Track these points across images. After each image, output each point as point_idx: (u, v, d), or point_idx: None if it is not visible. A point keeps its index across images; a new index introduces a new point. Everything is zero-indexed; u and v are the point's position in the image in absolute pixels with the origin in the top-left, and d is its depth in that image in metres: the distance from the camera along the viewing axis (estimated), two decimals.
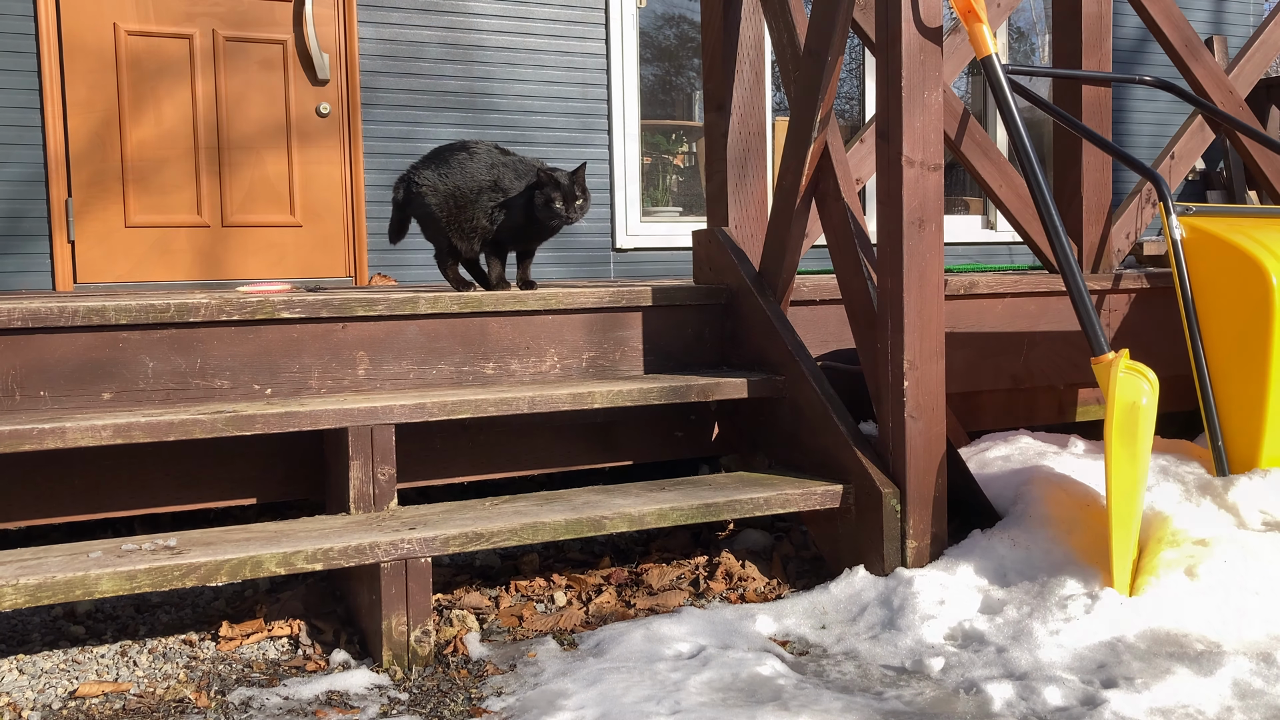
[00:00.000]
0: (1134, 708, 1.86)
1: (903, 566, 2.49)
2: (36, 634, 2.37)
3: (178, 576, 2.05)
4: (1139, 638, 2.12)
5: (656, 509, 2.44)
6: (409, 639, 2.20)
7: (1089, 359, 2.47)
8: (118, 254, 4.69)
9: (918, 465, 2.52)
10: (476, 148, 2.93)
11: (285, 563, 2.12)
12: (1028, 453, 2.90)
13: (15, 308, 2.39)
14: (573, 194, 2.85)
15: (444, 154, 2.94)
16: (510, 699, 2.00)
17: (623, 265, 5.58)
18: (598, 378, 2.92)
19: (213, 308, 2.55)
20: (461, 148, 2.94)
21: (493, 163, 2.90)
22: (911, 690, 2.01)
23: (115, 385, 2.49)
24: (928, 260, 2.51)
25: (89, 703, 2.04)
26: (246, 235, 4.90)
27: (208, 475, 2.59)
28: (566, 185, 2.84)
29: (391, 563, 2.19)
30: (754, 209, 3.12)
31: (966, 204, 6.53)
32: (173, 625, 2.42)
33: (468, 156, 2.90)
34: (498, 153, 2.94)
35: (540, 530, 2.34)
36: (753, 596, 2.58)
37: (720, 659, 2.11)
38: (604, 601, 2.53)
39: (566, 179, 2.85)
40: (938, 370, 2.54)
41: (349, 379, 2.70)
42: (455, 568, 2.79)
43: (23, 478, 2.43)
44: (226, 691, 2.07)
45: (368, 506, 2.42)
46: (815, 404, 2.71)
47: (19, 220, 4.54)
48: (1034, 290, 3.40)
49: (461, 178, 2.87)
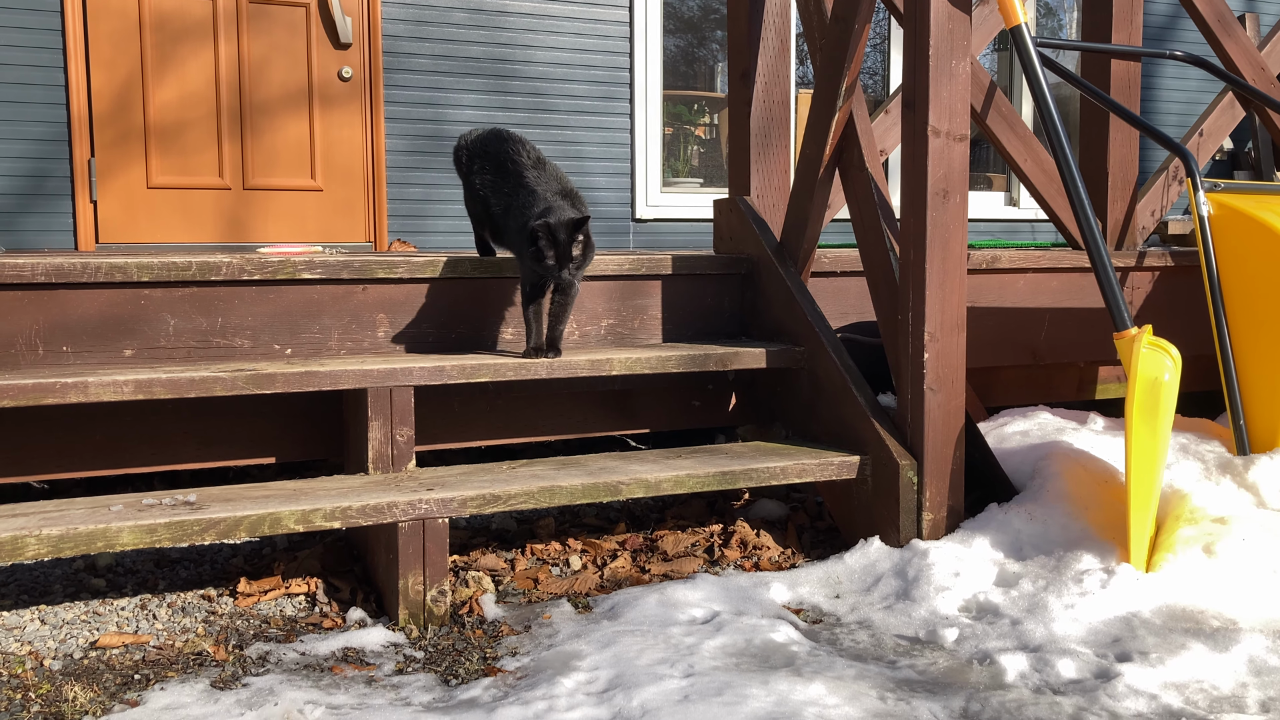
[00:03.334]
0: (1148, 681, 1.85)
1: (918, 539, 2.49)
2: (58, 586, 2.40)
3: (197, 531, 2.07)
4: (1154, 613, 2.12)
5: (673, 475, 2.44)
6: (425, 598, 2.22)
7: (1110, 336, 2.45)
8: (139, 214, 4.70)
9: (936, 438, 2.51)
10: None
11: (304, 520, 2.13)
12: (1046, 428, 2.88)
13: (39, 263, 2.41)
14: (569, 253, 2.46)
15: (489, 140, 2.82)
16: (525, 659, 2.01)
17: (642, 236, 5.57)
18: (616, 345, 2.92)
19: (234, 267, 2.56)
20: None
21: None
22: (925, 660, 2.01)
23: (137, 342, 2.51)
24: (951, 232, 2.49)
25: (109, 653, 2.06)
26: (267, 198, 4.90)
27: (227, 434, 2.61)
28: (564, 240, 2.45)
29: (409, 522, 2.20)
30: (776, 179, 3.10)
31: (989, 180, 6.48)
32: (191, 581, 2.45)
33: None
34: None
35: (557, 494, 2.35)
36: (767, 565, 2.58)
37: (734, 625, 2.12)
38: (619, 566, 2.54)
39: (565, 232, 2.45)
40: (958, 343, 2.53)
41: (369, 341, 2.70)
42: (471, 530, 2.81)
43: (45, 432, 2.45)
44: (244, 646, 2.10)
45: (386, 467, 2.43)
46: (834, 375, 2.70)
47: (43, 179, 4.57)
48: (1057, 266, 3.38)
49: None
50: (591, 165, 5.39)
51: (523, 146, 2.73)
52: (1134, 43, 3.48)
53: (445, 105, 5.17)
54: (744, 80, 3.05)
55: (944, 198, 2.48)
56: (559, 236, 2.44)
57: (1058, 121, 2.56)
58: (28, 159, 4.53)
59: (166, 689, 1.89)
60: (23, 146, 4.51)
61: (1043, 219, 6.10)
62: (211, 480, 2.96)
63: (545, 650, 2.04)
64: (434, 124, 5.16)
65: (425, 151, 5.13)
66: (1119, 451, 2.61)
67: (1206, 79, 6.14)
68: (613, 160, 5.45)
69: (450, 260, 2.74)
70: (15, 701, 1.85)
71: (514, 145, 2.73)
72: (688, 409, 3.08)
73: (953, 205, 2.49)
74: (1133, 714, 1.76)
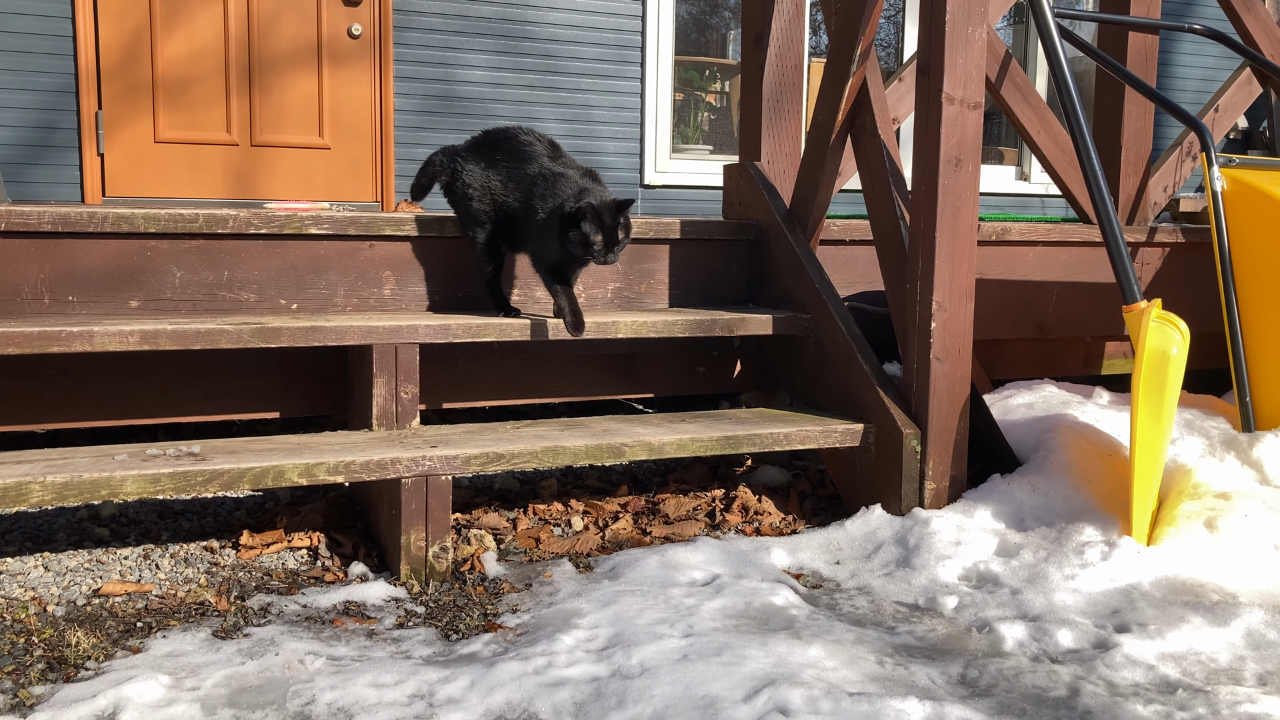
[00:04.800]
0: (1146, 652, 1.86)
1: (920, 507, 2.49)
2: (62, 534, 2.41)
3: (201, 482, 2.07)
4: (1154, 586, 2.12)
5: (676, 439, 2.44)
6: (427, 554, 2.22)
7: (1118, 311, 2.44)
8: (146, 169, 4.69)
9: (940, 407, 2.51)
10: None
11: (307, 473, 2.13)
12: (1052, 401, 2.88)
13: (46, 211, 2.40)
14: (615, 237, 2.36)
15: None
16: (525, 616, 2.02)
17: (650, 202, 5.54)
18: (623, 309, 2.91)
19: (241, 220, 2.55)
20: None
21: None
22: (924, 626, 2.02)
23: (143, 294, 2.50)
24: (962, 200, 2.47)
25: (112, 600, 2.07)
26: (275, 155, 4.88)
27: (232, 387, 2.61)
28: (609, 224, 2.34)
29: (412, 479, 2.21)
30: (788, 145, 3.08)
31: (1001, 154, 6.43)
32: (194, 532, 2.46)
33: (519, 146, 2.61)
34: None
35: (560, 454, 2.35)
36: (768, 530, 2.59)
37: (734, 587, 2.13)
38: (620, 528, 2.55)
39: (610, 215, 2.34)
40: (966, 312, 2.52)
41: (374, 298, 2.70)
42: (474, 489, 2.81)
43: (50, 381, 2.45)
44: (246, 597, 2.11)
45: (390, 424, 2.43)
46: (840, 343, 2.69)
47: (50, 131, 4.55)
48: (1067, 239, 3.36)
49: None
50: (601, 130, 5.36)
51: (534, 134, 2.61)
52: (1152, 15, 3.44)
53: (455, 65, 5.14)
54: (757, 44, 3.02)
55: (956, 166, 2.46)
56: (605, 220, 2.32)
57: (1074, 92, 2.54)
58: (35, 110, 4.51)
59: (169, 637, 1.90)
60: (29, 98, 4.49)
61: (1053, 194, 6.07)
62: (215, 434, 2.97)
63: (546, 608, 2.05)
64: (444, 84, 5.13)
65: (434, 112, 5.10)
66: (1124, 426, 2.61)
67: (1224, 54, 6.09)
68: (622, 125, 5.41)
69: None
70: (19, 645, 1.86)
71: (524, 134, 2.60)
72: (692, 374, 3.08)
73: (965, 174, 2.47)
74: (1130, 684, 1.77)
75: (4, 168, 4.42)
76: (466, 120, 5.14)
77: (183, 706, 1.62)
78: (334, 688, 1.68)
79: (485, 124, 5.20)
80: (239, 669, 1.75)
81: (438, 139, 5.07)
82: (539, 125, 5.24)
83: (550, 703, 1.65)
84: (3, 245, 2.38)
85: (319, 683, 1.70)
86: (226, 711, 1.62)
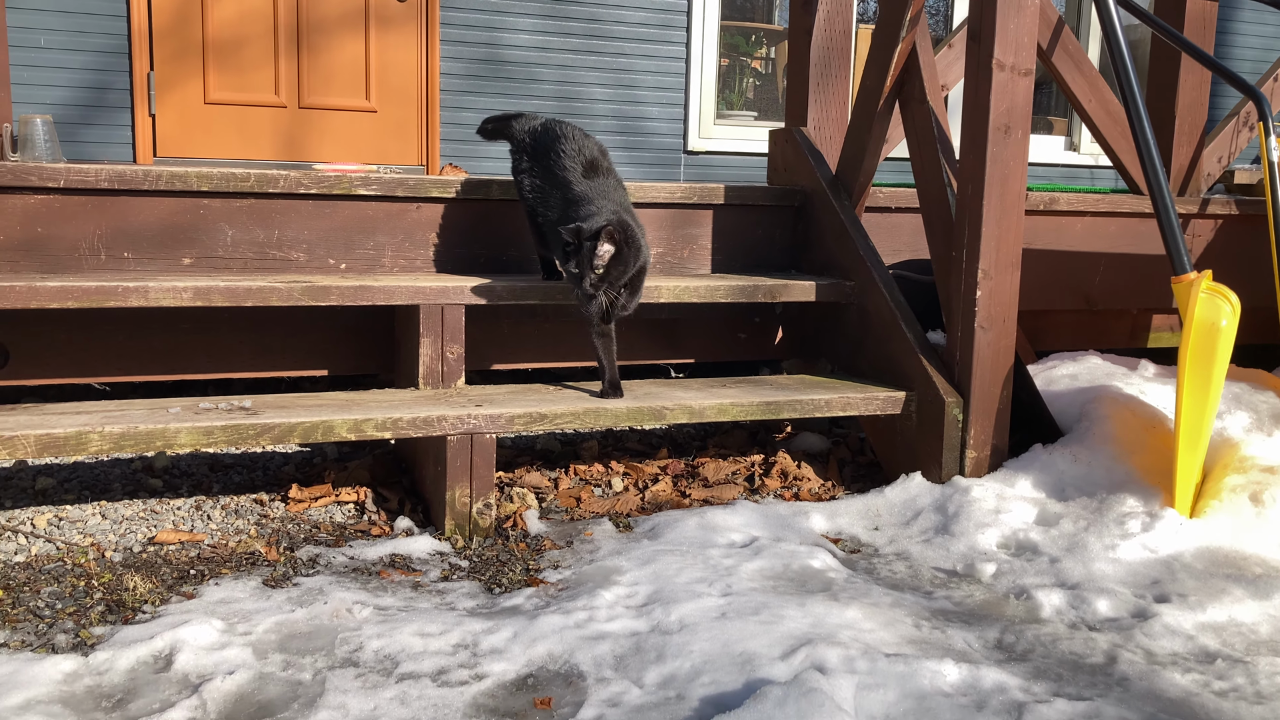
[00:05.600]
0: (1185, 622, 1.86)
1: (960, 476, 2.49)
2: (117, 485, 2.48)
3: (252, 435, 2.12)
4: (1196, 557, 2.11)
5: (717, 403, 2.46)
6: (471, 510, 2.26)
7: (1166, 284, 2.41)
8: (196, 130, 4.75)
9: (983, 376, 2.50)
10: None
11: (356, 429, 2.18)
12: (1096, 372, 2.86)
13: (102, 169, 2.45)
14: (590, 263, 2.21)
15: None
16: (566, 572, 2.06)
17: (693, 169, 5.53)
18: (665, 274, 2.92)
19: (291, 180, 2.59)
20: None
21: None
22: (961, 592, 2.03)
23: (195, 251, 2.55)
24: (1011, 168, 2.45)
25: (166, 548, 2.14)
26: (322, 118, 4.93)
27: (281, 344, 2.66)
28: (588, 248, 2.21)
29: (458, 436, 2.24)
30: (834, 110, 3.06)
31: (1050, 124, 6.33)
32: (244, 485, 2.52)
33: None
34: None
35: (602, 415, 2.37)
36: (807, 496, 2.60)
37: (772, 549, 2.15)
38: (660, 490, 2.57)
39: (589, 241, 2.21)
40: (1012, 281, 2.51)
41: (421, 259, 2.73)
42: (516, 450, 2.85)
43: (106, 336, 2.51)
44: (295, 548, 2.16)
45: (436, 383, 2.47)
46: (884, 310, 2.69)
47: (103, 92, 4.62)
48: (1115, 210, 3.32)
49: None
50: (645, 95, 5.34)
51: (578, 145, 2.44)
52: None
53: (501, 29, 5.14)
54: (805, 8, 3.00)
55: (1005, 133, 2.44)
56: (584, 253, 2.19)
57: (1127, 58, 2.50)
58: (89, 71, 4.58)
59: (221, 584, 1.96)
60: (84, 59, 4.56)
61: (1103, 165, 5.98)
62: (264, 391, 3.02)
63: (587, 564, 2.08)
64: (490, 48, 5.14)
65: (480, 76, 5.11)
66: (1169, 398, 2.58)
67: None
68: (667, 90, 5.39)
69: (504, 183, 2.75)
70: (79, 588, 1.93)
71: (567, 144, 2.44)
72: (733, 341, 3.09)
73: (1014, 141, 2.45)
74: (1168, 653, 1.77)
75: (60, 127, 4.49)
76: (512, 85, 5.15)
77: (235, 650, 1.67)
78: (380, 635, 1.72)
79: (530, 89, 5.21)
80: (289, 616, 1.80)
81: (483, 103, 5.09)
82: (583, 90, 5.25)
83: (591, 655, 1.68)
84: (61, 202, 2.43)
85: (366, 630, 1.74)
86: (277, 656, 1.67)
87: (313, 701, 1.54)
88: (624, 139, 5.54)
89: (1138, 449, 2.44)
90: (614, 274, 2.26)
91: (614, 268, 2.25)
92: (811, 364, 3.02)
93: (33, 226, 2.42)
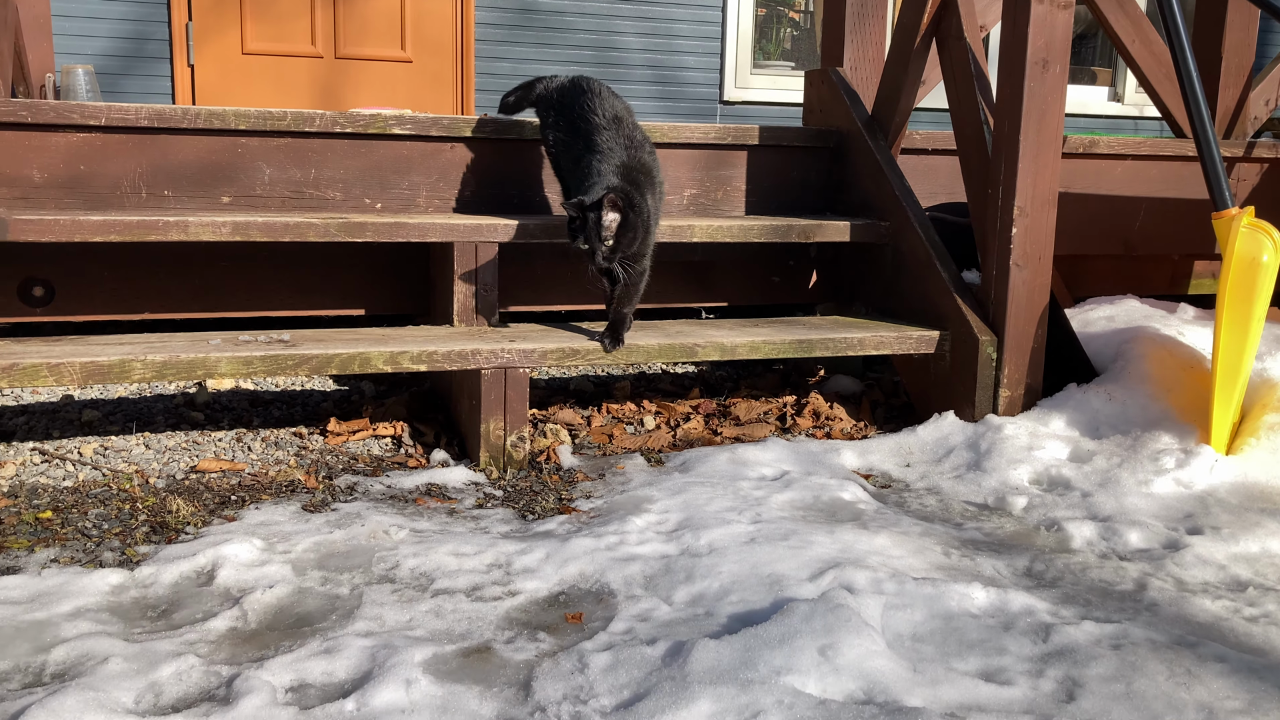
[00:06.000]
0: (1217, 553, 1.85)
1: (993, 414, 2.48)
2: (160, 417, 2.53)
3: (290, 365, 2.16)
4: (1231, 493, 2.10)
5: (749, 340, 2.46)
6: (505, 443, 2.29)
7: (1209, 229, 2.37)
8: (233, 80, 4.78)
9: (1018, 315, 2.49)
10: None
11: (392, 360, 2.21)
12: (1133, 315, 2.83)
13: (142, 107, 2.48)
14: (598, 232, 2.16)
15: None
16: (598, 501, 2.09)
17: (729, 119, 5.49)
18: (699, 214, 2.92)
19: (327, 119, 2.61)
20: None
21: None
22: (991, 524, 2.04)
23: (233, 189, 2.58)
24: (1049, 103, 2.42)
25: (208, 476, 2.19)
26: (358, 68, 4.94)
27: (318, 284, 2.69)
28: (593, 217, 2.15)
29: (492, 370, 2.27)
30: (871, 50, 3.03)
31: (1094, 74, 6.22)
32: (283, 419, 2.56)
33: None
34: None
35: (634, 352, 2.39)
36: (839, 435, 2.61)
37: (803, 482, 2.16)
38: (691, 428, 2.59)
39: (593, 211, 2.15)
40: (1048, 219, 2.48)
41: (455, 200, 2.75)
42: (549, 389, 2.88)
43: (147, 274, 2.56)
44: (333, 477, 2.20)
45: (470, 321, 2.49)
46: (919, 250, 2.67)
47: (142, 43, 4.66)
48: (1157, 154, 3.26)
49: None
50: (681, 44, 5.30)
51: (600, 100, 2.39)
52: None
53: None
54: None
55: (1043, 68, 2.40)
56: (588, 218, 2.14)
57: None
58: (129, 21, 4.62)
59: (261, 509, 2.00)
60: (123, 9, 4.60)
61: (1146, 115, 5.87)
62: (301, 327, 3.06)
63: (618, 494, 2.11)
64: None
65: (515, 25, 5.10)
66: (1207, 339, 2.55)
67: None
68: (702, 39, 5.35)
69: (537, 124, 2.75)
70: (125, 511, 1.98)
71: (592, 99, 2.40)
72: (767, 284, 3.09)
73: (1052, 76, 2.41)
74: (1199, 581, 1.77)
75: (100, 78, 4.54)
76: (547, 35, 5.13)
77: (275, 567, 1.72)
78: (417, 555, 1.76)
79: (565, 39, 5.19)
80: (327, 537, 1.84)
81: (518, 54, 5.08)
82: (618, 40, 5.22)
83: (621, 575, 1.71)
84: (103, 140, 2.47)
85: (402, 550, 1.78)
86: (316, 573, 1.72)
87: (350, 613, 1.58)
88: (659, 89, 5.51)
89: (1174, 388, 2.42)
90: (624, 242, 2.19)
91: (623, 236, 2.18)
92: (845, 308, 3.01)
93: (76, 164, 2.46)
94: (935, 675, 1.42)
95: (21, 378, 2.01)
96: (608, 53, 5.18)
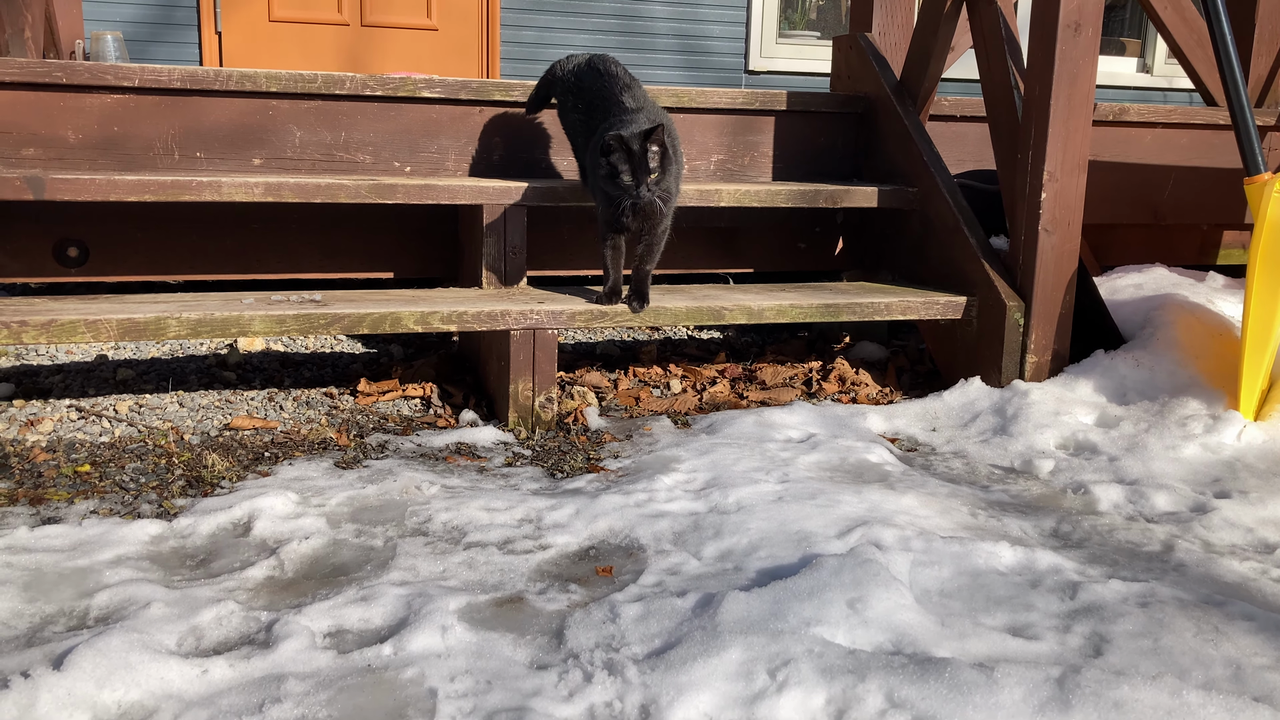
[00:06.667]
0: (1245, 516, 1.85)
1: (1020, 380, 2.49)
2: (193, 377, 2.57)
3: (323, 324, 2.18)
4: (1260, 458, 2.10)
5: (775, 304, 2.47)
6: (533, 403, 2.31)
7: (1240, 198, 2.36)
8: (261, 47, 4.80)
9: (1046, 280, 2.48)
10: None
11: (422, 320, 2.23)
12: (1162, 282, 2.82)
13: (175, 69, 2.50)
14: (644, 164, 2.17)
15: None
16: (626, 461, 2.10)
17: (754, 88, 5.47)
18: (725, 180, 2.92)
19: (358, 82, 2.62)
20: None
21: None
22: (1018, 487, 2.04)
23: (265, 152, 2.60)
24: (1080, 66, 2.40)
25: (241, 433, 2.22)
26: (384, 36, 4.94)
27: (348, 247, 2.71)
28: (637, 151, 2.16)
29: (520, 331, 2.29)
30: (900, 16, 3.01)
31: (1123, 45, 6.15)
32: (314, 380, 2.59)
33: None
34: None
35: (661, 315, 2.40)
36: (864, 400, 2.62)
37: (829, 445, 2.17)
38: (718, 391, 2.60)
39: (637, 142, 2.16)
40: (1078, 185, 2.47)
41: (484, 163, 2.76)
42: (576, 353, 2.89)
43: (179, 235, 2.59)
44: (365, 435, 2.23)
45: (498, 283, 2.51)
46: (947, 215, 2.67)
47: (170, 9, 4.67)
48: (1188, 122, 3.23)
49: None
50: (706, 13, 5.28)
51: (615, 77, 2.42)
52: None
53: None
54: None
55: (1075, 30, 2.39)
56: (633, 148, 2.14)
57: None
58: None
59: (294, 465, 2.03)
60: None
61: (1176, 87, 5.80)
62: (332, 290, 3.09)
63: (646, 454, 2.13)
64: None
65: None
66: (1236, 307, 2.55)
67: None
68: (728, 8, 5.32)
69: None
70: (161, 465, 2.01)
71: (610, 68, 2.44)
72: (793, 251, 3.09)
73: (1084, 39, 2.40)
74: (1226, 544, 1.77)
75: (129, 45, 4.57)
76: (572, 3, 5.12)
77: (310, 519, 1.75)
78: (448, 510, 1.79)
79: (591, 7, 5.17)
80: (360, 491, 1.87)
81: (543, 22, 5.07)
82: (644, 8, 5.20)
83: (650, 531, 1.73)
84: (136, 101, 2.49)
85: (434, 505, 1.81)
86: (349, 525, 1.74)
87: (384, 564, 1.61)
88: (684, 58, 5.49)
89: (1203, 354, 2.42)
90: (664, 180, 2.21)
91: (664, 174, 2.20)
92: (871, 274, 3.01)
93: (109, 125, 2.48)
94: (963, 629, 1.43)
95: (60, 334, 2.04)
96: (633, 20, 5.16)
